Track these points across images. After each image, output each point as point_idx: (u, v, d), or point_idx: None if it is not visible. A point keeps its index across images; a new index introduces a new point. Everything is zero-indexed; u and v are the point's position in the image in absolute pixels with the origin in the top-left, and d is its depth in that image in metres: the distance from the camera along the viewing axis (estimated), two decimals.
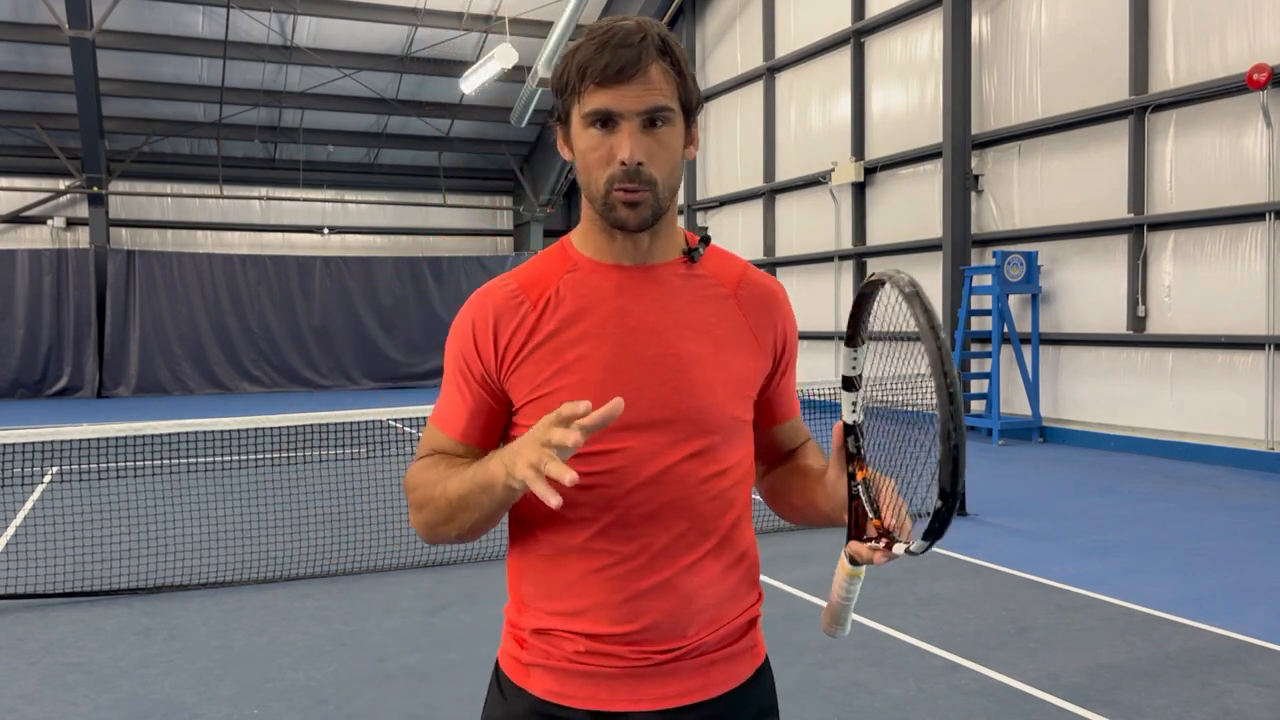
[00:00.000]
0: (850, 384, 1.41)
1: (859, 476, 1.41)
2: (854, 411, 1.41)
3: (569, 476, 1.15)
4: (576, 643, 1.44)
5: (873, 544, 1.36)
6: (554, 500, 1.16)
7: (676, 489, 1.42)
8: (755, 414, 1.57)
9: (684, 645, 1.44)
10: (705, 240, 1.53)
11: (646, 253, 1.47)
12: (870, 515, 1.38)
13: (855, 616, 5.10)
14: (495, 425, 1.49)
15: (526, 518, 1.48)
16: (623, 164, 1.36)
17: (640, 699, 1.44)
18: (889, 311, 1.34)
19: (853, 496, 1.41)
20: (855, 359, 1.40)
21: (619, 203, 1.39)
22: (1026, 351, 11.97)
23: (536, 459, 1.20)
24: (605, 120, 1.37)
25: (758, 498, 1.69)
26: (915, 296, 1.22)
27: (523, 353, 1.43)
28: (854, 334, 1.40)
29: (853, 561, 1.41)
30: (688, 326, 1.46)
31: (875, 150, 14.59)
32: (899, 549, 1.30)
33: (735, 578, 1.50)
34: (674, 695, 1.45)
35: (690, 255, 1.50)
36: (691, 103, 1.44)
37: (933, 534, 1.23)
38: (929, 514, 1.23)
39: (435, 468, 1.46)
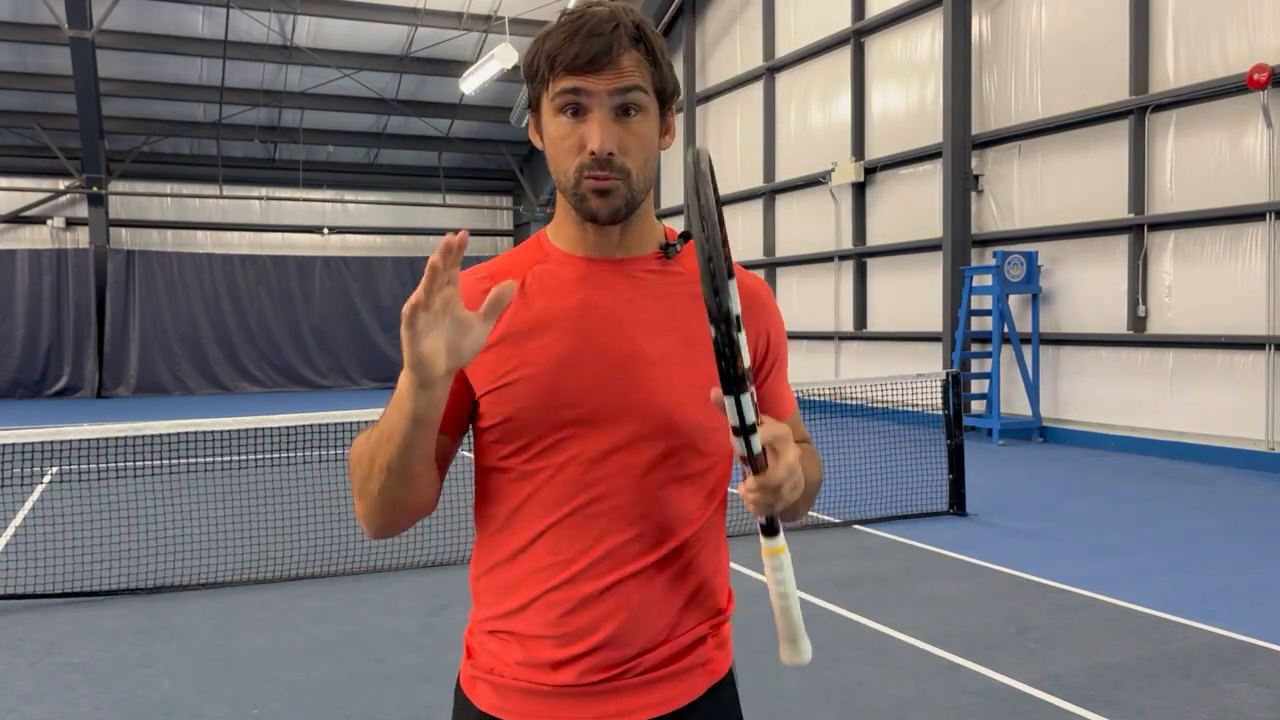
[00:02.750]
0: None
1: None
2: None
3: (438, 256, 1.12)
4: (515, 650, 1.39)
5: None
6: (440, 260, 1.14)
7: (629, 492, 1.36)
8: None
9: (626, 658, 1.37)
10: (685, 236, 1.46)
11: (617, 246, 1.43)
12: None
13: (856, 617, 5.11)
14: (454, 411, 1.40)
15: (485, 512, 1.44)
16: (593, 153, 1.32)
17: (580, 717, 1.37)
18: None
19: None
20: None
21: (589, 192, 1.34)
22: (1026, 351, 11.97)
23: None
24: (575, 108, 1.33)
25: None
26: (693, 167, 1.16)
27: (493, 343, 1.39)
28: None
29: (764, 532, 1.26)
30: (655, 323, 1.40)
31: (875, 150, 14.59)
32: (718, 399, 1.18)
33: (687, 591, 1.41)
34: (614, 714, 1.37)
35: (666, 251, 1.45)
36: (667, 91, 1.39)
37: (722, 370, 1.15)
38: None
39: (368, 433, 1.39)
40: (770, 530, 1.26)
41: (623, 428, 1.36)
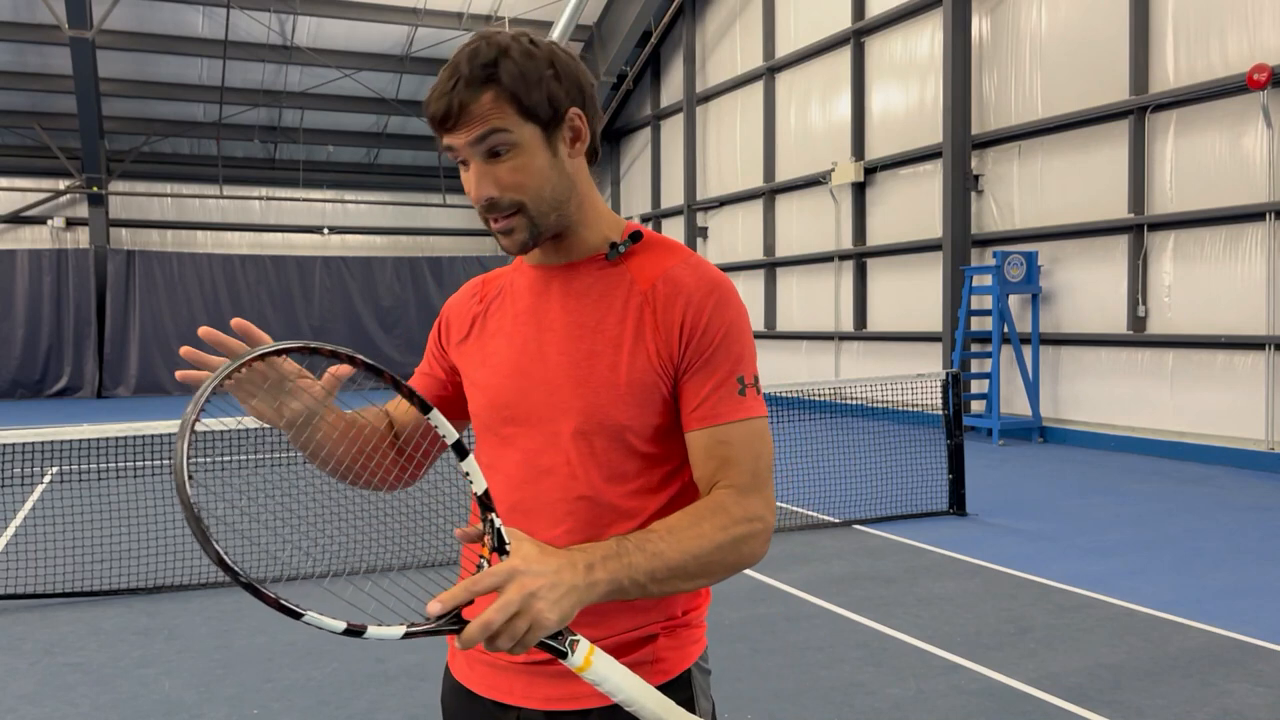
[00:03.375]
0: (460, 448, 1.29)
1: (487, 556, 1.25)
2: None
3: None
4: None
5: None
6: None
7: (558, 490, 1.42)
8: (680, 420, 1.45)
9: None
10: (634, 237, 1.47)
11: (556, 254, 1.49)
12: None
13: (856, 617, 5.12)
14: (439, 389, 1.62)
15: None
16: (477, 201, 1.40)
17: (532, 697, 1.45)
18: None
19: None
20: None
21: (497, 233, 1.42)
22: (1026, 351, 11.97)
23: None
24: (460, 160, 1.40)
25: None
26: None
27: (465, 341, 1.57)
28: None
29: (554, 654, 1.24)
30: (583, 325, 1.44)
31: (875, 150, 14.59)
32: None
33: None
34: (562, 698, 1.43)
35: (608, 253, 1.46)
36: (542, 111, 1.36)
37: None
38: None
39: None
40: (556, 652, 1.21)
41: (549, 428, 1.43)
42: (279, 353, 1.27)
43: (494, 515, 1.25)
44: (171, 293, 20.54)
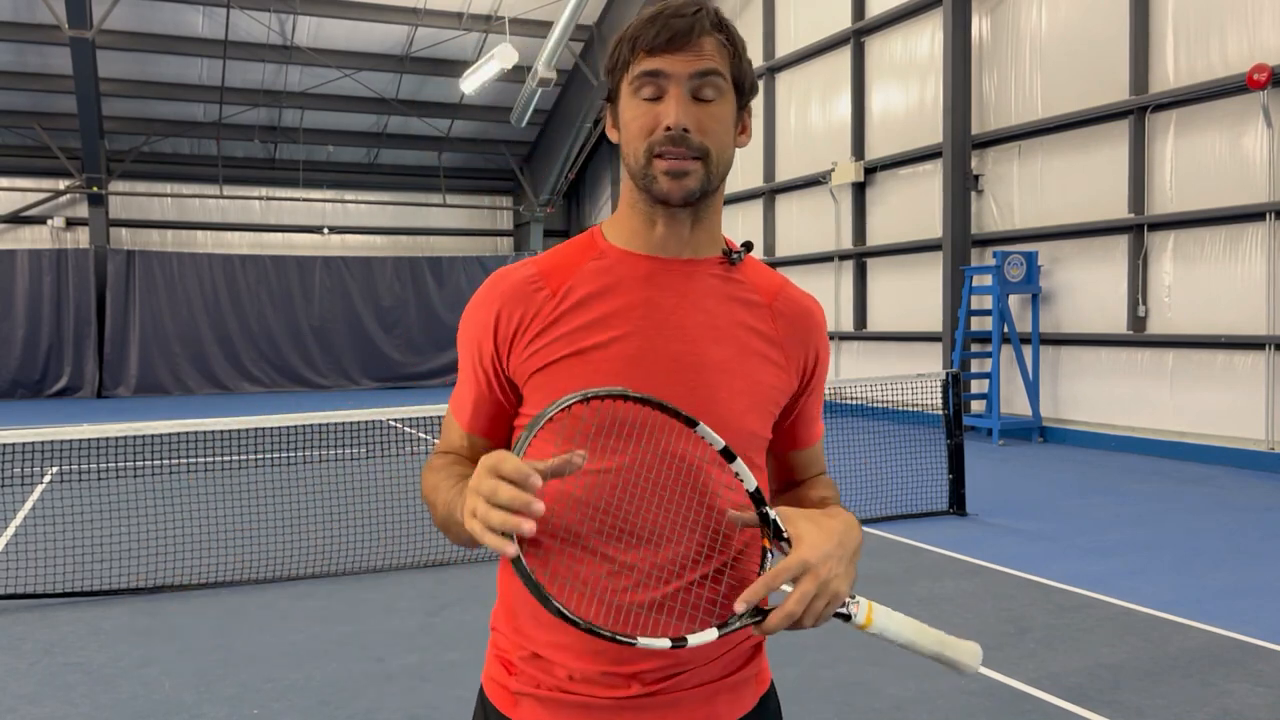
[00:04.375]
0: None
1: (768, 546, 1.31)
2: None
3: (510, 550, 1.08)
4: (569, 667, 1.34)
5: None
6: (510, 550, 1.08)
7: (690, 498, 1.33)
8: (774, 436, 1.49)
9: (683, 672, 1.34)
10: (748, 246, 1.44)
11: (685, 243, 1.38)
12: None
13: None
14: (501, 417, 1.41)
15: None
16: (668, 129, 1.29)
17: None
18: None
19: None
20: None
21: (661, 173, 1.30)
22: (1026, 351, 11.97)
23: (477, 507, 1.11)
24: (653, 89, 1.31)
25: None
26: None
27: (536, 341, 1.34)
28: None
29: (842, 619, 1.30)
30: (717, 328, 1.37)
31: (875, 150, 14.59)
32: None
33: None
34: None
35: (730, 257, 1.42)
36: (745, 85, 1.37)
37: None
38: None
39: (436, 472, 1.39)
40: (842, 617, 1.27)
41: (682, 434, 1.32)
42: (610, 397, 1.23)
43: (766, 508, 1.29)
44: (171, 293, 20.53)
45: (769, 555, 1.29)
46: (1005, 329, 11.93)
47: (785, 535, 1.26)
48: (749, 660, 1.43)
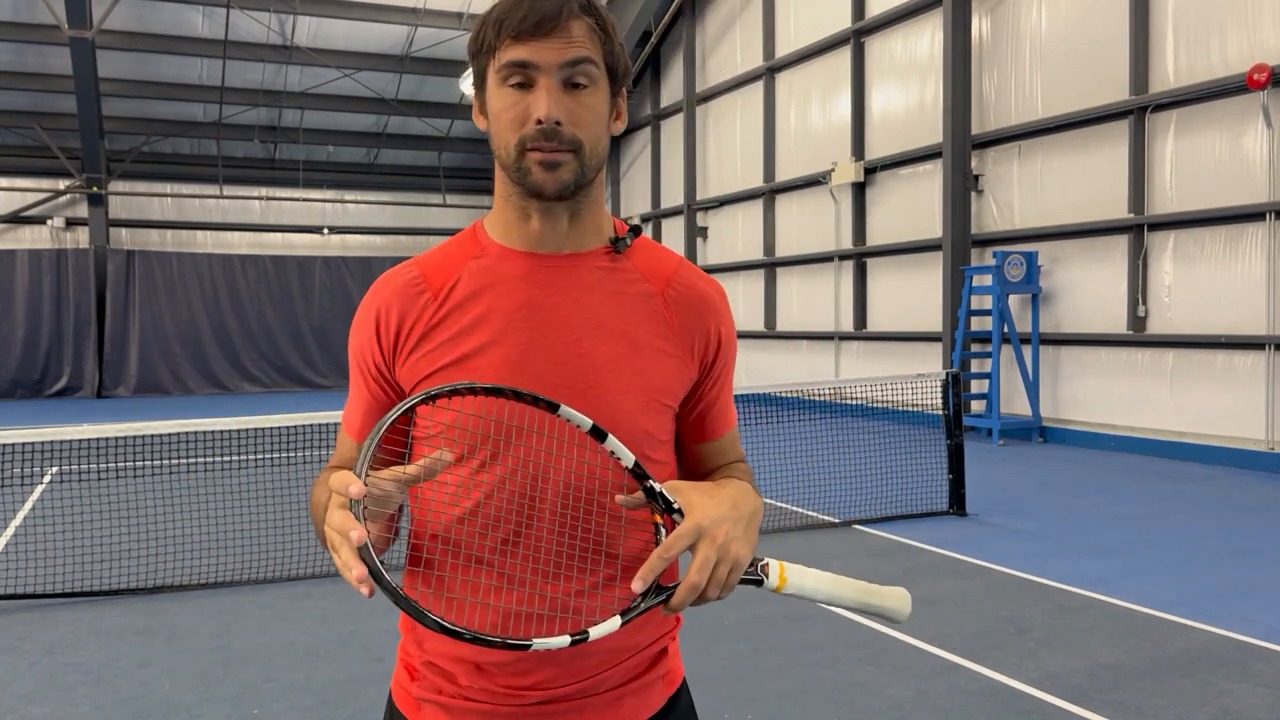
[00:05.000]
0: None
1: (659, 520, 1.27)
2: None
3: (356, 572, 1.06)
4: (469, 674, 1.31)
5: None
6: (363, 590, 1.07)
7: (571, 490, 1.28)
8: (681, 429, 1.43)
9: (585, 679, 1.31)
10: (635, 230, 1.39)
11: (564, 238, 1.33)
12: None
13: (856, 617, 5.11)
14: (394, 428, 1.32)
15: (420, 530, 1.35)
16: (539, 122, 1.23)
17: None
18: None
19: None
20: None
21: (534, 165, 1.25)
22: (1026, 351, 11.97)
23: (331, 536, 1.11)
24: (522, 80, 1.24)
25: None
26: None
27: (420, 348, 1.30)
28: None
29: (752, 584, 1.27)
30: (603, 325, 1.31)
31: (875, 150, 14.59)
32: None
33: None
34: None
35: (615, 245, 1.36)
36: (618, 70, 1.31)
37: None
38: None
39: (321, 486, 1.32)
40: (753, 583, 1.24)
41: (552, 422, 1.28)
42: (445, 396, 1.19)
43: (651, 482, 1.24)
44: (171, 293, 20.54)
45: (661, 531, 1.24)
46: (1005, 329, 11.93)
47: (676, 507, 1.22)
48: (656, 662, 1.40)
